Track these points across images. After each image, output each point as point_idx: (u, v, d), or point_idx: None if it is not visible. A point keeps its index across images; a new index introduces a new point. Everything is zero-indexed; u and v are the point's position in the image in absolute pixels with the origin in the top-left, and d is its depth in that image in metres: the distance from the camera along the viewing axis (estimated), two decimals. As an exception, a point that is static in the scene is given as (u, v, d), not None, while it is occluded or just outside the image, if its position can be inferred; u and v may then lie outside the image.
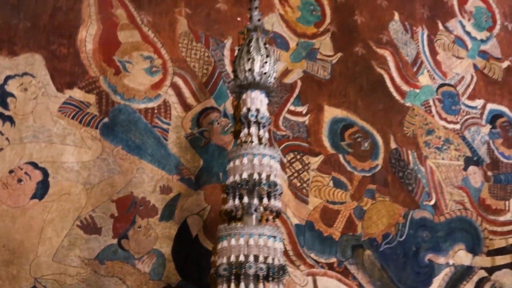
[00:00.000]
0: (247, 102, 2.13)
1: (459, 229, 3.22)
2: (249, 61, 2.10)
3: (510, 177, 3.49)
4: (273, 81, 2.23)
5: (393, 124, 3.24)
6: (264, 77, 2.12)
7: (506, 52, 3.80)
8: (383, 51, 3.39)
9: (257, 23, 2.21)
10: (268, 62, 2.12)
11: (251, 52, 2.11)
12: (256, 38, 2.20)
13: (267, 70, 2.11)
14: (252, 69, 2.09)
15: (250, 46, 2.14)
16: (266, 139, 2.14)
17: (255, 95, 2.12)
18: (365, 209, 3.00)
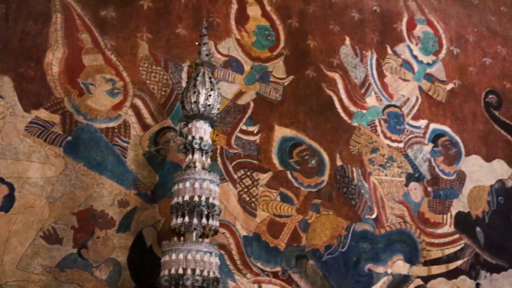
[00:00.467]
0: (192, 131, 2.44)
1: (398, 240, 3.55)
2: (195, 94, 2.41)
3: (449, 192, 3.83)
4: (216, 112, 2.53)
5: (339, 142, 3.56)
6: (208, 109, 2.43)
7: (450, 75, 4.14)
8: (333, 74, 3.70)
9: (204, 59, 2.52)
10: (212, 95, 2.43)
11: (197, 85, 2.42)
12: (203, 73, 2.51)
13: (211, 102, 2.42)
14: (198, 102, 2.40)
15: (197, 80, 2.45)
16: (208, 164, 2.45)
17: (199, 125, 2.43)
18: (310, 222, 3.31)
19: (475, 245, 3.79)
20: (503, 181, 4.07)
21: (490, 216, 3.92)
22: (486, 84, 4.29)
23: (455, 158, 3.93)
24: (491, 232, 3.87)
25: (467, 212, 3.85)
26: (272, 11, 3.66)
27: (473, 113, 4.14)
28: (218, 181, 2.46)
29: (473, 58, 4.31)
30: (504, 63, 4.44)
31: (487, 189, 3.99)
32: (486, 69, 4.33)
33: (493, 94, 4.27)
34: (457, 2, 4.47)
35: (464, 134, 4.04)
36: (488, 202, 3.96)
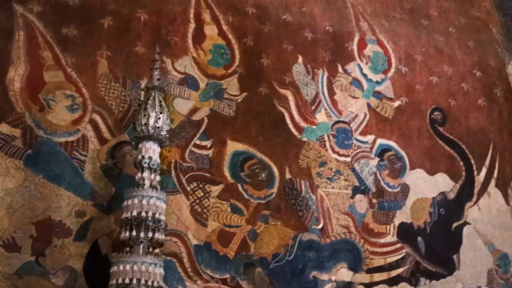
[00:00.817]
0: (142, 150, 2.68)
1: (343, 249, 3.83)
2: (145, 116, 2.66)
3: (393, 204, 4.13)
4: (165, 134, 2.78)
5: (289, 157, 3.82)
6: (157, 131, 2.67)
7: (398, 92, 4.44)
8: (285, 91, 3.96)
9: (155, 83, 2.76)
10: (161, 117, 2.67)
11: (148, 109, 2.67)
12: (153, 96, 2.75)
13: (160, 125, 2.67)
14: (148, 124, 2.65)
15: (148, 103, 2.70)
16: (157, 182, 2.69)
17: (149, 145, 2.67)
18: (259, 232, 3.57)
19: (416, 254, 4.09)
20: (445, 193, 4.38)
21: (432, 226, 4.23)
22: (432, 101, 4.60)
23: (400, 171, 4.23)
24: (432, 242, 4.17)
25: (409, 223, 4.14)
26: (228, 31, 3.90)
27: (418, 129, 4.44)
28: (164, 198, 2.70)
29: (420, 77, 4.61)
30: (450, 81, 4.76)
31: (430, 201, 4.30)
32: (432, 87, 4.65)
33: (438, 111, 4.58)
34: (407, 23, 4.77)
35: (409, 149, 4.34)
36: (430, 213, 4.27)
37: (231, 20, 3.93)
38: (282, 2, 4.23)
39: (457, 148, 4.59)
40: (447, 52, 4.89)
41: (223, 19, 3.91)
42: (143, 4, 3.68)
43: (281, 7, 4.20)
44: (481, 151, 4.71)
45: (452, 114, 4.68)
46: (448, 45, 4.92)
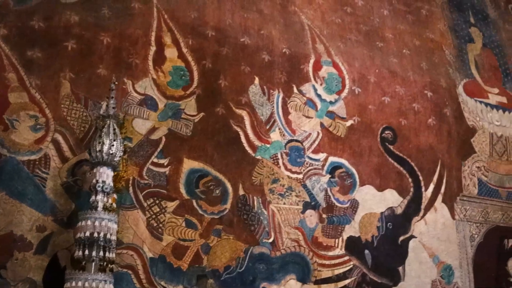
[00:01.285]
0: (96, 175, 2.95)
1: (292, 262, 4.13)
2: (99, 143, 2.93)
3: (342, 219, 4.44)
4: (118, 159, 3.05)
5: (243, 174, 4.11)
6: (111, 157, 2.95)
7: (351, 112, 4.76)
8: (241, 111, 4.25)
9: (110, 112, 3.03)
10: (115, 144, 2.94)
11: (102, 136, 2.94)
12: (108, 124, 3.02)
13: (113, 151, 2.94)
14: (102, 150, 2.92)
15: (102, 131, 2.97)
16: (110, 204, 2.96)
17: (103, 170, 2.94)
18: (211, 245, 3.85)
19: (363, 266, 4.40)
20: (393, 208, 4.71)
21: (379, 240, 4.55)
22: (384, 121, 4.92)
23: (350, 188, 4.55)
24: (379, 254, 4.49)
25: (357, 237, 4.46)
26: (188, 53, 4.17)
27: (369, 147, 4.76)
28: (116, 220, 2.97)
29: (373, 97, 4.93)
30: (402, 101, 5.09)
31: (378, 215, 4.62)
32: (384, 107, 4.97)
33: (389, 130, 4.91)
34: (362, 45, 5.09)
35: (360, 166, 4.65)
36: (378, 228, 4.59)
37: (191, 43, 4.20)
38: (241, 25, 4.50)
39: (406, 165, 4.92)
40: (400, 73, 5.21)
41: (183, 42, 4.17)
42: (106, 28, 3.92)
43: (240, 30, 4.47)
44: (429, 168, 5.05)
45: (403, 132, 5.00)
46: (402, 67, 5.25)
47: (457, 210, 5.11)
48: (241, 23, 4.50)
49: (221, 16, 4.42)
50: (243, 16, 4.53)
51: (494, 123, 5.68)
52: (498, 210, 5.39)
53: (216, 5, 4.44)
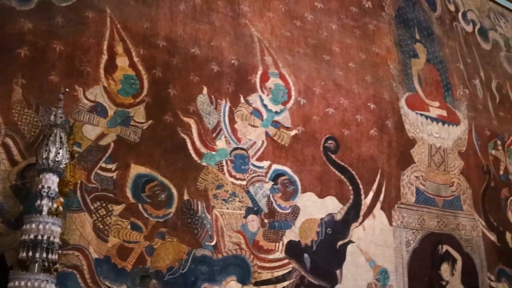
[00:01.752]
0: (42, 181, 3.16)
1: (233, 264, 4.39)
2: (46, 151, 3.14)
3: (283, 224, 4.73)
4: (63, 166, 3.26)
5: (188, 179, 4.34)
6: (57, 164, 3.16)
7: (295, 122, 5.05)
8: (189, 120, 4.48)
9: (58, 121, 3.24)
10: (61, 152, 3.15)
11: (49, 144, 3.15)
12: (55, 133, 3.23)
13: (59, 159, 3.15)
14: (48, 158, 3.13)
15: (49, 139, 3.18)
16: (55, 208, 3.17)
17: (48, 176, 3.15)
18: (155, 247, 4.08)
19: (302, 269, 4.69)
20: (332, 214, 5.02)
21: (318, 244, 4.85)
22: (327, 131, 5.23)
23: (292, 194, 4.84)
24: (317, 258, 4.79)
25: (297, 241, 4.75)
26: (139, 62, 4.38)
27: (312, 156, 5.06)
28: (59, 223, 3.17)
29: (317, 108, 5.24)
30: (345, 113, 5.41)
31: (318, 221, 4.92)
32: (328, 118, 5.28)
33: (332, 140, 5.22)
34: (309, 58, 5.39)
35: (302, 174, 4.94)
36: (318, 233, 4.89)
37: (142, 52, 4.41)
38: (192, 36, 4.74)
39: (347, 173, 5.24)
40: (345, 85, 5.54)
41: (135, 51, 4.38)
42: (59, 36, 4.10)
43: (191, 41, 4.71)
44: (369, 177, 5.39)
45: (345, 143, 5.33)
46: (347, 79, 5.58)
47: (395, 217, 5.45)
48: (192, 34, 4.72)
49: (173, 27, 4.63)
50: (194, 27, 4.75)
51: (434, 135, 6.06)
52: (434, 217, 5.77)
53: (168, 16, 4.64)
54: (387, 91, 5.84)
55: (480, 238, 6.22)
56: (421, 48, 6.54)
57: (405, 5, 6.71)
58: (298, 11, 5.57)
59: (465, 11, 7.58)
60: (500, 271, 6.26)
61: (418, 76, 6.31)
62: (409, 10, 6.72)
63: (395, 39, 6.27)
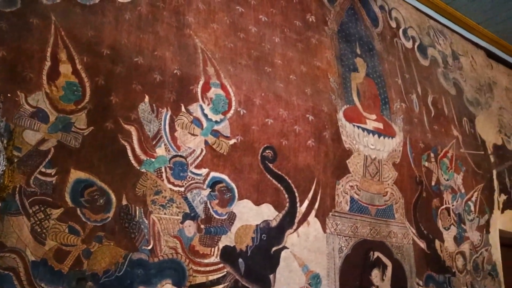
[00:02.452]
0: (-22, 185, 3.32)
1: (169, 268, 4.59)
2: (-17, 157, 3.29)
3: (219, 230, 4.97)
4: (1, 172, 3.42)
5: (127, 185, 4.53)
6: (-6, 169, 3.32)
7: (234, 132, 5.30)
8: (130, 127, 4.67)
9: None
10: (-2, 158, 3.32)
11: (-13, 151, 3.31)
12: (-6, 140, 3.39)
13: (-4, 165, 3.32)
14: (-15, 163, 3.29)
15: (-13, 146, 3.33)
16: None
17: (-15, 180, 3.30)
18: (92, 250, 4.25)
19: (236, 273, 4.94)
20: (268, 221, 5.29)
21: (253, 250, 5.11)
22: (265, 140, 5.50)
23: (229, 201, 5.08)
24: (251, 263, 5.05)
25: (232, 246, 4.99)
26: (82, 70, 4.54)
27: (250, 165, 5.32)
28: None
29: (257, 119, 5.50)
30: (284, 123, 5.69)
31: (253, 227, 5.18)
32: (267, 128, 5.55)
33: (270, 150, 5.50)
34: (251, 70, 5.65)
35: (240, 182, 5.19)
36: (253, 239, 5.15)
37: (85, 60, 4.56)
38: (136, 46, 4.93)
39: (283, 182, 5.52)
40: (284, 97, 5.82)
41: (78, 59, 4.53)
42: (2, 41, 4.21)
43: (135, 50, 4.90)
44: (305, 186, 5.69)
45: (283, 152, 5.61)
46: (287, 91, 5.87)
47: (329, 225, 5.77)
48: (136, 43, 4.90)
49: (117, 35, 4.81)
50: (139, 36, 4.94)
51: (369, 146, 6.42)
52: (367, 225, 6.12)
53: (113, 25, 4.82)
54: (326, 103, 6.14)
55: (410, 245, 6.60)
56: (361, 63, 6.88)
57: (348, 21, 7.04)
58: (242, 24, 5.80)
59: (406, 28, 7.99)
60: (428, 276, 6.67)
61: (357, 89, 6.64)
62: (351, 25, 7.06)
63: (336, 53, 6.59)
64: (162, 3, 5.29)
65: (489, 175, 8.38)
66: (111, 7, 4.92)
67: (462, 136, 8.17)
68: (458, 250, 7.44)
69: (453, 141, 7.94)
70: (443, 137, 7.79)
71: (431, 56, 8.27)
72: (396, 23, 7.94)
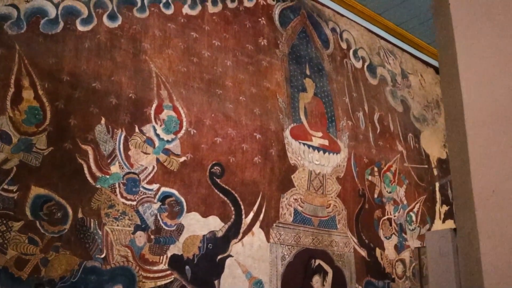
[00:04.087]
0: None
1: (120, 274, 5.19)
2: (-48, 179, 3.87)
3: (168, 240, 5.58)
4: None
5: (83, 200, 5.11)
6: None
7: (185, 150, 5.92)
8: (86, 147, 5.25)
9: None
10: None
11: (-46, 173, 3.88)
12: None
13: (-37, 185, 3.89)
14: (-47, 184, 3.87)
15: (-45, 169, 3.90)
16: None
17: (-47, 199, 3.88)
18: (50, 259, 4.83)
19: (183, 279, 5.55)
20: (214, 232, 5.91)
21: (199, 258, 5.72)
22: (214, 158, 6.12)
23: (178, 214, 5.69)
24: (197, 270, 5.67)
25: (180, 255, 5.60)
26: (43, 95, 5.11)
27: (198, 180, 5.94)
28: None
29: (206, 138, 6.12)
30: (232, 142, 6.32)
31: (200, 237, 5.80)
32: (216, 146, 6.17)
33: (218, 166, 6.12)
34: (203, 92, 6.26)
35: (188, 196, 5.81)
36: (199, 248, 5.77)
37: (47, 86, 5.12)
38: (94, 72, 5.51)
39: (230, 196, 6.15)
40: (233, 117, 6.45)
41: (40, 85, 5.09)
42: (-31, 70, 4.79)
43: (93, 76, 5.47)
44: (251, 199, 6.32)
45: (230, 168, 6.23)
46: (236, 112, 6.49)
47: (273, 235, 6.41)
48: (94, 69, 5.48)
49: (77, 62, 5.38)
50: (97, 63, 5.52)
51: (314, 162, 7.08)
52: (310, 235, 6.78)
53: (73, 53, 5.39)
54: (273, 122, 6.79)
55: (351, 254, 7.28)
56: (310, 83, 7.54)
57: (299, 43, 7.69)
58: (196, 48, 6.41)
59: (357, 48, 8.68)
60: (367, 282, 7.36)
61: (305, 108, 7.30)
62: (302, 47, 7.71)
63: (286, 75, 7.24)
64: (120, 31, 5.86)
65: (432, 188, 9.12)
66: (72, 36, 5.48)
67: (406, 151, 8.89)
68: (398, 257, 8.16)
69: (397, 156, 8.65)
70: (387, 152, 8.50)
71: (380, 75, 8.96)
72: (347, 44, 8.62)
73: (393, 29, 9.13)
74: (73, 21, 5.52)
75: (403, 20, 9.08)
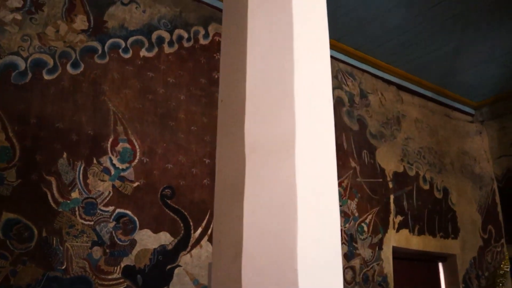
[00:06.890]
0: None
1: (79, 283, 6.54)
2: None
3: (122, 253, 6.91)
4: None
5: (47, 222, 6.48)
6: None
7: (138, 176, 7.24)
8: (50, 178, 6.62)
9: None
10: None
11: None
12: None
13: None
14: None
15: None
16: None
17: None
18: (18, 270, 6.19)
19: (134, 286, 6.91)
20: (164, 245, 7.22)
21: (150, 268, 7.03)
22: (166, 182, 7.42)
23: (131, 231, 7.02)
24: (148, 278, 6.97)
25: (132, 265, 6.93)
26: (13, 136, 6.50)
27: (150, 202, 7.25)
28: None
29: (158, 165, 7.42)
30: (182, 167, 7.63)
31: (151, 250, 7.13)
32: (167, 172, 7.49)
33: (169, 189, 7.42)
34: (156, 125, 7.57)
35: (141, 215, 7.10)
36: (150, 259, 7.10)
37: (16, 129, 6.50)
38: (58, 113, 6.83)
39: (180, 214, 7.45)
40: (184, 146, 7.74)
41: (10, 128, 6.45)
42: (-47, 119, 6.20)
43: (57, 117, 6.81)
44: (200, 217, 7.58)
45: (180, 190, 7.52)
46: (187, 141, 7.77)
47: (220, 247, 7.72)
48: (58, 111, 6.80)
49: (43, 106, 6.72)
50: (60, 105, 6.84)
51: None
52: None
53: (40, 98, 6.72)
54: (223, 148, 8.07)
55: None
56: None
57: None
58: (151, 87, 7.72)
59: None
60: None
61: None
62: (257, 77, 8.99)
63: (237, 104, 8.51)
64: (82, 76, 7.22)
65: (386, 200, 10.29)
66: (39, 84, 6.85)
67: (360, 167, 10.07)
68: (348, 265, 9.35)
69: (349, 172, 9.87)
70: (339, 169, 9.67)
71: (337, 97, 10.13)
72: (302, 70, 9.85)
73: (352, 53, 10.24)
74: (40, 71, 6.84)
75: (360, 45, 10.18)
